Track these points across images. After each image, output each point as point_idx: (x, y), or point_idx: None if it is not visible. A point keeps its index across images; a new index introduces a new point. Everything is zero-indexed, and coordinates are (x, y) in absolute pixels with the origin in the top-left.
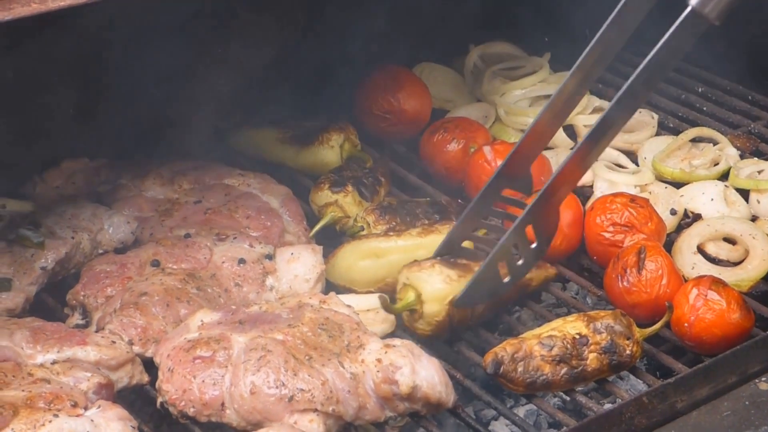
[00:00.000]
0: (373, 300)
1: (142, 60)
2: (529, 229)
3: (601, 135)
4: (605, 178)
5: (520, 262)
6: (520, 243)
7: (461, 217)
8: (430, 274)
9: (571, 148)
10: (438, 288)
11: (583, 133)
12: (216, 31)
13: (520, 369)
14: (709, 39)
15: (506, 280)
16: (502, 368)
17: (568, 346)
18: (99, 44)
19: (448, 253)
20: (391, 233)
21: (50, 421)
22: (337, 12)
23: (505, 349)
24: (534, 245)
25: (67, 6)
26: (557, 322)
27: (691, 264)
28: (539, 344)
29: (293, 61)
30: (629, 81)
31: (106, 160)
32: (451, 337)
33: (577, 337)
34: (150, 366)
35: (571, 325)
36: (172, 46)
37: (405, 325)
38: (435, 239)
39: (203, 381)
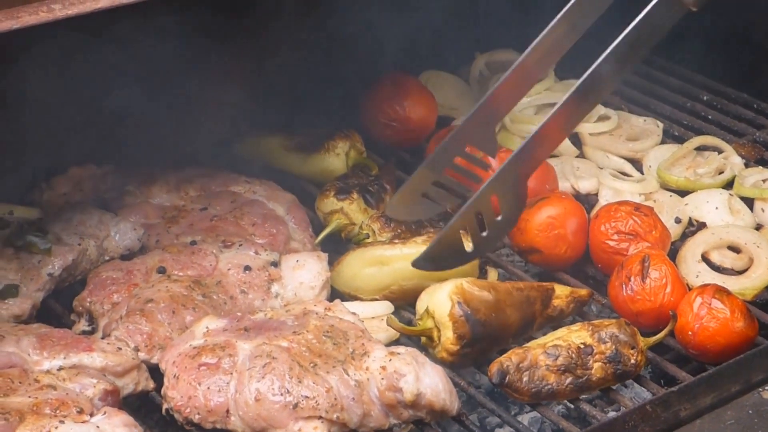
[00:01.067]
0: (378, 307)
1: (150, 67)
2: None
3: (564, 115)
4: (610, 186)
5: (484, 234)
6: (484, 213)
7: (420, 167)
8: (428, 288)
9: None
10: (438, 288)
11: (588, 141)
12: (222, 40)
13: (525, 379)
14: (714, 47)
15: (470, 249)
16: (507, 378)
17: (573, 355)
18: (107, 51)
19: (405, 205)
20: (396, 241)
21: (56, 428)
22: (342, 20)
23: (510, 358)
24: (500, 218)
25: (74, 15)
26: (562, 331)
27: (696, 272)
28: (544, 354)
29: (300, 69)
30: (597, 62)
31: (112, 166)
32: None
33: (582, 346)
34: (155, 372)
35: (576, 335)
36: (179, 53)
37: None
38: None
39: (208, 388)
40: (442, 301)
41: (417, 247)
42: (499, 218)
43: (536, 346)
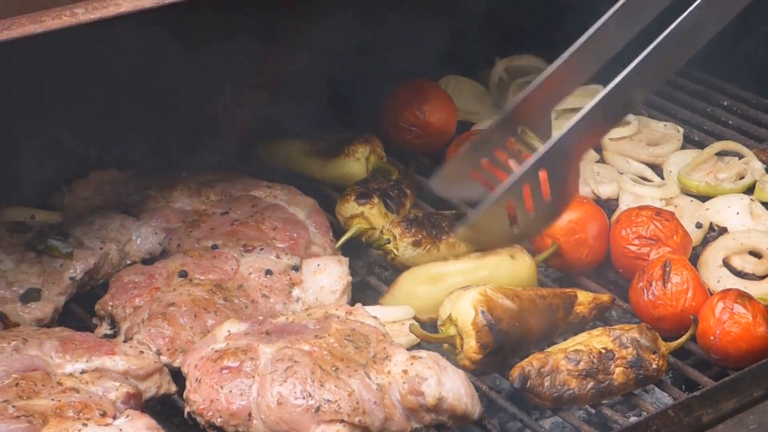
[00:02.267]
0: (399, 312)
1: (172, 72)
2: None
3: (619, 94)
4: (631, 191)
5: (531, 215)
6: (533, 190)
7: (468, 144)
8: (451, 294)
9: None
10: (461, 295)
11: (608, 146)
12: (244, 46)
13: (546, 383)
14: (734, 52)
15: (517, 231)
16: (529, 383)
17: (595, 360)
18: (129, 56)
19: (449, 182)
20: (450, 258)
21: (79, 430)
22: (362, 25)
23: (531, 363)
24: (548, 200)
25: (98, 19)
26: (583, 336)
27: (717, 277)
28: (566, 358)
29: (320, 74)
30: (652, 45)
31: (134, 171)
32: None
33: (603, 351)
34: (178, 376)
35: (597, 339)
36: (202, 60)
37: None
38: (494, 261)
39: (230, 391)
40: (465, 308)
41: (471, 261)
42: (547, 200)
43: (557, 351)
